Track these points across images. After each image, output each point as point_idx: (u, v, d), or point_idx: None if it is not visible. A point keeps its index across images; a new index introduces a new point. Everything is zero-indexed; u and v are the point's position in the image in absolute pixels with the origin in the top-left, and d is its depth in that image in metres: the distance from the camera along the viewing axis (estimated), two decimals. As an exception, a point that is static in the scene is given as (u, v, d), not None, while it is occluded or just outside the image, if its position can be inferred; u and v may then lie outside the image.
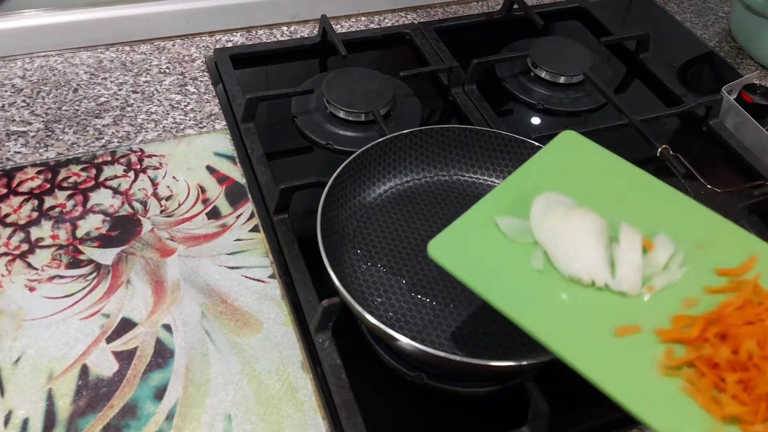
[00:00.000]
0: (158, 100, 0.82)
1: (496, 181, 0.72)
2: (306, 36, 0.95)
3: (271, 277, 0.66)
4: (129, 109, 0.81)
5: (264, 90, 0.83)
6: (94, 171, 0.73)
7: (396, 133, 0.70)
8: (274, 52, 0.91)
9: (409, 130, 0.70)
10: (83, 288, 0.63)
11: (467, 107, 0.86)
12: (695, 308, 0.47)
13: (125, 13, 0.88)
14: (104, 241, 0.67)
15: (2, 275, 0.63)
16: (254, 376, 0.58)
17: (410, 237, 0.66)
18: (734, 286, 0.47)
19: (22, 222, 0.68)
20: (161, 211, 0.70)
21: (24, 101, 0.80)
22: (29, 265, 0.64)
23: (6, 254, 0.65)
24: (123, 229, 0.68)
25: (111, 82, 0.84)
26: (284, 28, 0.96)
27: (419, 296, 0.61)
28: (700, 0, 1.13)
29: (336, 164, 0.65)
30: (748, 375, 0.40)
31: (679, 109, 0.87)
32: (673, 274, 0.49)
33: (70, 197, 0.70)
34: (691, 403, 0.41)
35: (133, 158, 0.75)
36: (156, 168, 0.74)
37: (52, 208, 0.69)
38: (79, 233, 0.67)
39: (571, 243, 0.50)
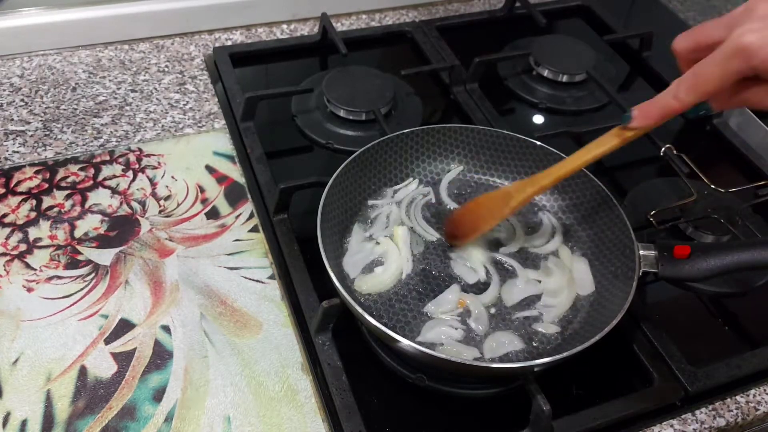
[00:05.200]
0: (157, 99, 0.82)
1: (498, 180, 0.72)
2: (306, 34, 0.94)
3: (271, 277, 0.65)
4: (128, 108, 0.80)
5: (264, 89, 0.83)
6: (92, 171, 0.73)
7: (397, 133, 0.69)
8: (274, 51, 0.91)
9: (410, 130, 0.69)
10: (81, 289, 0.63)
11: (469, 106, 0.85)
12: None
13: (124, 12, 0.87)
14: (103, 242, 0.66)
15: (0, 276, 0.63)
16: (254, 378, 0.58)
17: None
18: None
19: (20, 222, 0.67)
20: (160, 211, 0.70)
21: (22, 100, 0.80)
22: (27, 266, 0.64)
23: (4, 254, 0.64)
24: (121, 230, 0.68)
25: (110, 81, 0.84)
26: (284, 27, 0.95)
27: (421, 298, 0.61)
28: (704, -2, 1.13)
29: (336, 164, 0.64)
30: None
31: (682, 107, 0.87)
32: None
33: (68, 197, 0.70)
34: None
35: (132, 158, 0.75)
36: (155, 167, 0.74)
37: (51, 208, 0.69)
38: (78, 233, 0.67)
39: None
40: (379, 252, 0.63)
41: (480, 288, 0.62)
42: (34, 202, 0.69)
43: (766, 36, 0.43)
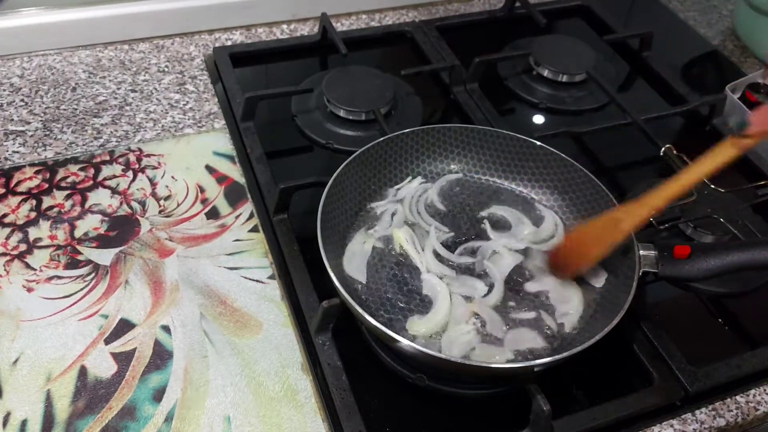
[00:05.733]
0: (157, 99, 0.82)
1: (498, 180, 0.72)
2: (306, 34, 0.94)
3: (271, 277, 0.65)
4: (128, 108, 0.80)
5: (263, 89, 0.83)
6: (92, 171, 0.73)
7: (397, 133, 0.69)
8: (274, 51, 0.91)
9: (410, 130, 0.70)
10: (81, 288, 0.63)
11: (469, 106, 0.85)
12: None
13: (124, 12, 0.87)
14: (103, 242, 0.66)
15: (0, 276, 0.63)
16: (254, 378, 0.58)
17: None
18: None
19: (20, 222, 0.67)
20: (160, 211, 0.70)
21: (22, 100, 0.80)
22: (27, 266, 0.64)
23: (4, 254, 0.64)
24: (121, 230, 0.68)
25: (110, 81, 0.84)
26: (284, 27, 0.95)
27: (421, 297, 0.61)
28: (704, -2, 1.13)
29: (336, 164, 0.64)
30: None
31: (682, 108, 0.87)
32: None
33: (68, 197, 0.70)
34: None
35: (132, 158, 0.75)
36: (155, 167, 0.74)
37: (51, 208, 0.69)
38: (78, 233, 0.67)
39: None
40: (428, 290, 0.61)
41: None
42: (34, 202, 0.69)
43: None
